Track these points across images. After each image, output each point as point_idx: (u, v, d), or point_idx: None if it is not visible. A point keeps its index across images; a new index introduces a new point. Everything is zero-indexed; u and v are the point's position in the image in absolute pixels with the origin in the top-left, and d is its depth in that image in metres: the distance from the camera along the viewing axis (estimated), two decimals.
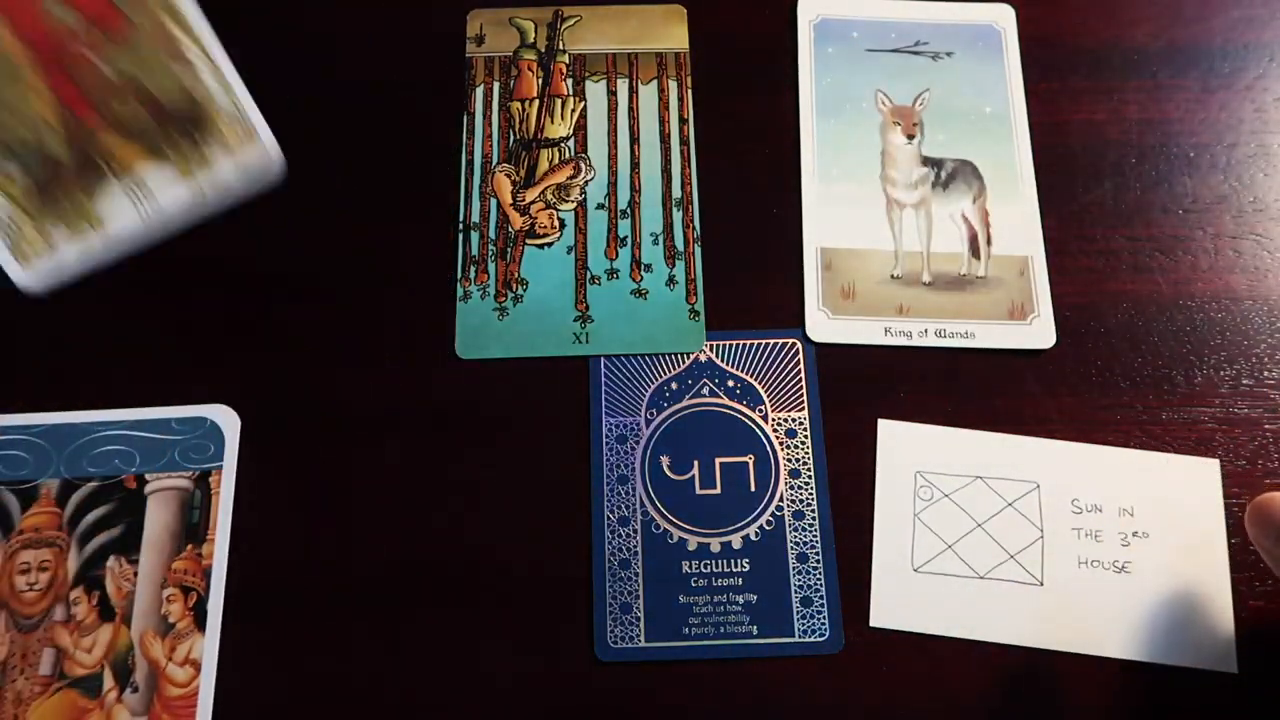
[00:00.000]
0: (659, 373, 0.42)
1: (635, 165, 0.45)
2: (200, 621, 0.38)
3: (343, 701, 0.38)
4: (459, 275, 0.43)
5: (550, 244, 0.44)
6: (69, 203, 0.32)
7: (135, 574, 0.38)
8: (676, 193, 0.45)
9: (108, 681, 0.37)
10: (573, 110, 0.46)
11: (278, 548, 0.39)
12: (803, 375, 0.42)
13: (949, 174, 0.45)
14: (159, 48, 0.33)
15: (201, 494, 0.39)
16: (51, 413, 0.40)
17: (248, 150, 0.33)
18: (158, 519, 0.39)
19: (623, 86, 0.46)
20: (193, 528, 0.39)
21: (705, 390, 0.42)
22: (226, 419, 0.40)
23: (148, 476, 0.39)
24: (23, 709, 0.36)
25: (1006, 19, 0.48)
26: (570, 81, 0.46)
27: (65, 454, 0.40)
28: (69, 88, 0.32)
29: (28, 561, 0.38)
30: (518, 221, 0.44)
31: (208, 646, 0.37)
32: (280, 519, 0.40)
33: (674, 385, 0.42)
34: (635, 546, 0.39)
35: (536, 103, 0.46)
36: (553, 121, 0.46)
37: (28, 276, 0.33)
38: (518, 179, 0.45)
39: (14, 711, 0.36)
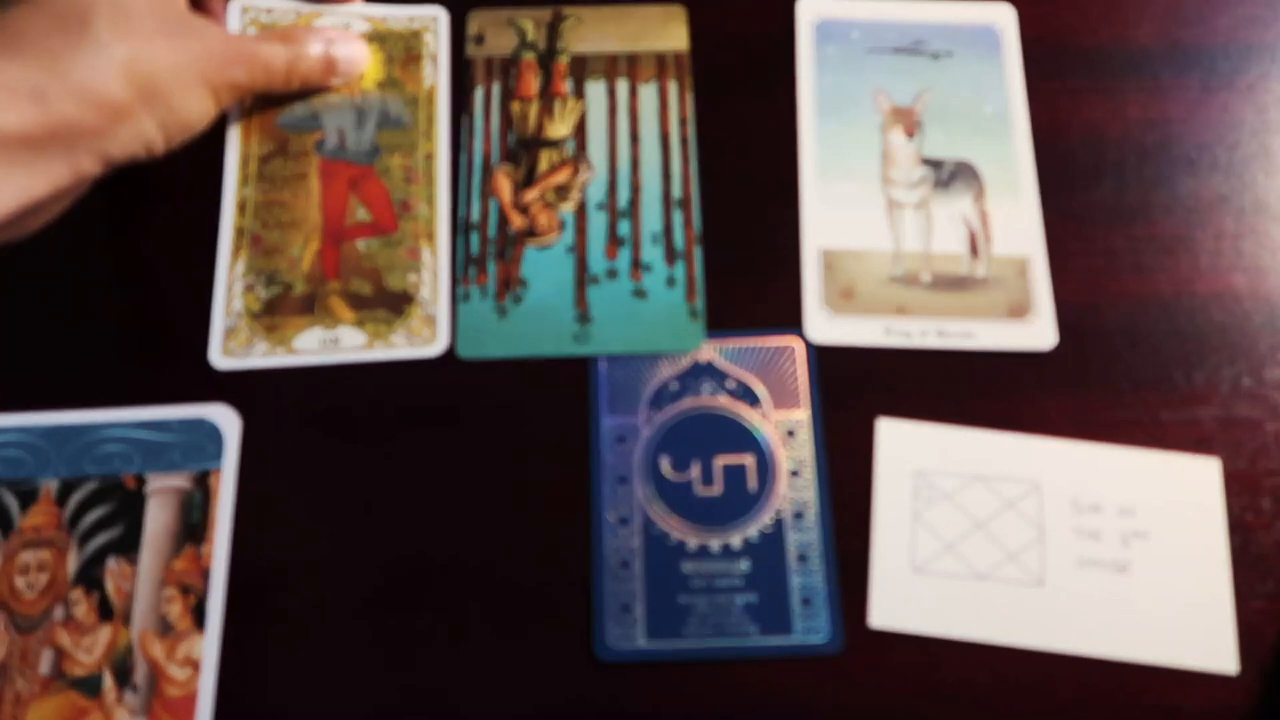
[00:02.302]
0: (659, 373, 0.41)
1: (635, 165, 0.45)
2: (200, 622, 0.37)
3: (342, 701, 0.37)
4: (459, 275, 0.42)
5: (550, 244, 0.43)
6: (279, 328, 0.41)
7: (135, 574, 0.38)
8: (676, 193, 0.44)
9: (107, 682, 0.37)
10: (572, 110, 0.46)
11: (277, 548, 0.39)
12: (803, 375, 0.42)
13: (949, 174, 0.45)
14: (405, 251, 0.42)
15: (201, 494, 0.39)
16: (51, 412, 0.40)
17: (424, 336, 0.41)
18: (157, 519, 0.38)
19: (622, 87, 0.46)
20: (192, 528, 0.38)
21: (705, 390, 0.41)
22: (226, 419, 0.40)
23: (147, 477, 0.39)
24: (22, 709, 0.36)
25: (1006, 19, 0.47)
26: (570, 82, 0.46)
27: (65, 454, 0.39)
28: (332, 254, 0.42)
29: (27, 562, 0.38)
30: (518, 221, 0.44)
31: (207, 646, 0.37)
32: (280, 519, 0.39)
33: (674, 385, 0.41)
34: (635, 546, 0.39)
35: (536, 103, 0.46)
36: (552, 121, 0.45)
37: (221, 359, 0.41)
38: (517, 179, 0.44)
39: (13, 712, 0.36)
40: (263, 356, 0.41)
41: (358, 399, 0.41)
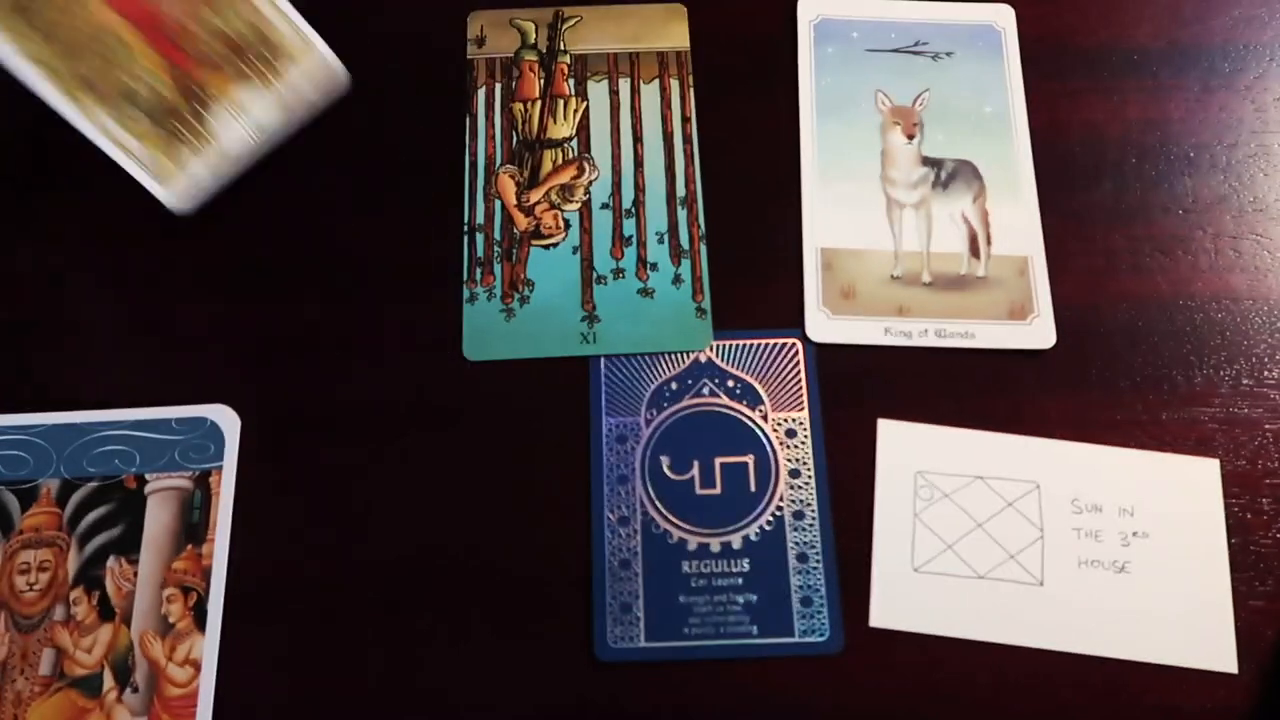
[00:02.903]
0: (659, 373, 0.41)
1: (639, 164, 0.44)
2: (200, 621, 0.37)
3: (342, 701, 0.37)
4: (465, 277, 0.42)
5: (556, 244, 0.43)
6: (186, 129, 0.38)
7: (135, 574, 0.37)
8: (681, 191, 0.44)
9: (107, 681, 0.36)
10: (575, 110, 0.45)
11: (278, 548, 0.38)
12: (803, 375, 0.41)
13: (949, 174, 0.44)
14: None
15: (201, 494, 0.38)
16: (51, 413, 0.39)
17: (310, 61, 0.39)
18: (158, 519, 0.38)
19: (624, 86, 0.45)
20: (193, 528, 0.38)
21: (705, 390, 0.41)
22: (226, 419, 0.39)
23: (148, 476, 0.39)
24: (23, 709, 0.36)
25: (1006, 19, 0.47)
26: (572, 82, 0.45)
27: (65, 454, 0.39)
28: (167, 45, 0.38)
29: (28, 561, 0.37)
30: (523, 223, 0.43)
31: (207, 646, 0.36)
32: (280, 519, 0.39)
33: (674, 385, 0.41)
34: (635, 546, 0.39)
35: (539, 103, 0.45)
36: (555, 122, 0.45)
37: (172, 196, 0.38)
38: (522, 180, 0.44)
39: (14, 712, 0.36)
40: (203, 165, 0.38)
41: (358, 399, 0.40)
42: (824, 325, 0.42)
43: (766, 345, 0.42)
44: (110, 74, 0.38)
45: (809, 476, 0.40)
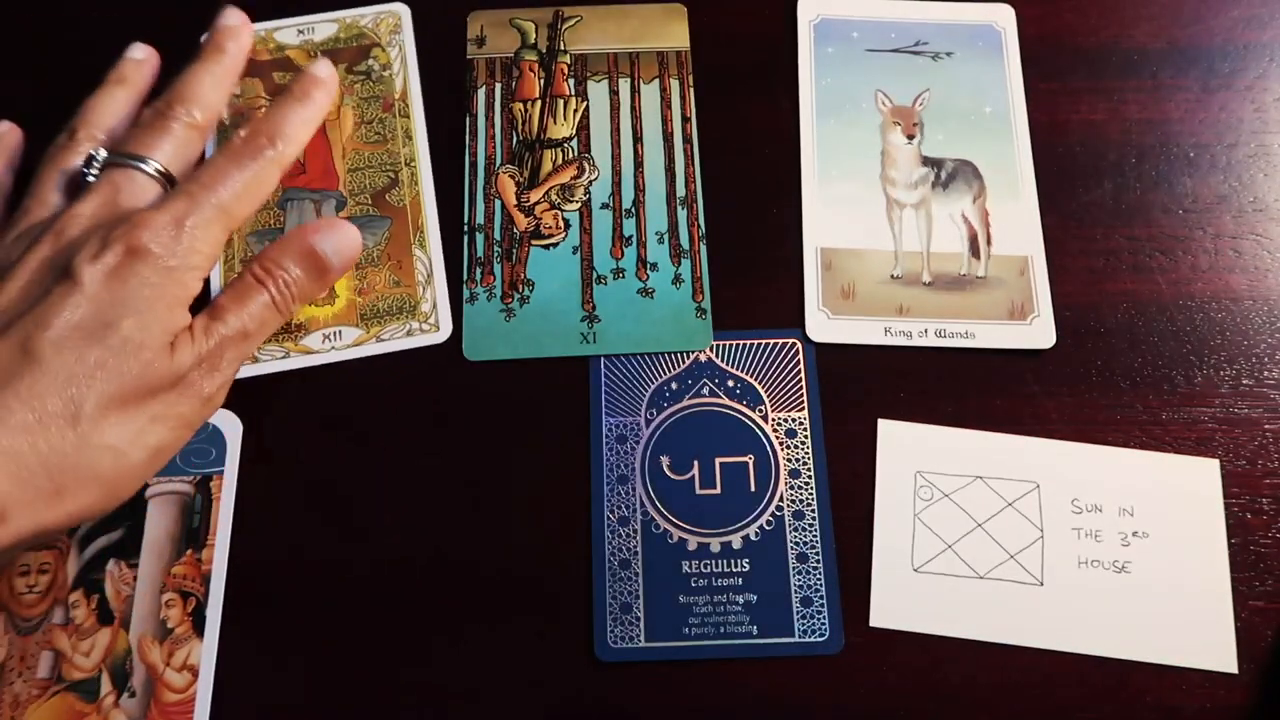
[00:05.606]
0: (659, 373, 0.39)
1: (639, 164, 0.42)
2: (199, 627, 0.35)
3: (342, 706, 0.35)
4: (465, 277, 0.40)
5: (556, 244, 0.41)
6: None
7: (134, 578, 0.36)
8: (681, 191, 0.42)
9: (105, 686, 0.35)
10: (575, 110, 0.43)
11: (278, 553, 0.37)
12: (803, 375, 0.39)
13: (949, 174, 0.43)
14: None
15: (202, 499, 0.37)
16: None
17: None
18: (158, 523, 0.36)
19: (624, 86, 0.44)
20: (193, 532, 0.36)
21: (705, 390, 0.39)
22: (228, 424, 0.38)
23: (149, 480, 0.37)
24: (20, 711, 0.34)
25: (1006, 19, 0.45)
26: (572, 82, 0.44)
27: None
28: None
29: (27, 564, 0.36)
30: (522, 223, 0.42)
31: (206, 652, 0.35)
32: (281, 524, 0.37)
33: (674, 385, 0.39)
34: (635, 546, 0.37)
35: (539, 103, 0.43)
36: (555, 122, 0.43)
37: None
38: (521, 180, 0.42)
39: (11, 714, 0.34)
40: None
41: (358, 400, 0.39)
42: (824, 325, 0.40)
43: (766, 345, 0.40)
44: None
45: (809, 476, 0.38)
